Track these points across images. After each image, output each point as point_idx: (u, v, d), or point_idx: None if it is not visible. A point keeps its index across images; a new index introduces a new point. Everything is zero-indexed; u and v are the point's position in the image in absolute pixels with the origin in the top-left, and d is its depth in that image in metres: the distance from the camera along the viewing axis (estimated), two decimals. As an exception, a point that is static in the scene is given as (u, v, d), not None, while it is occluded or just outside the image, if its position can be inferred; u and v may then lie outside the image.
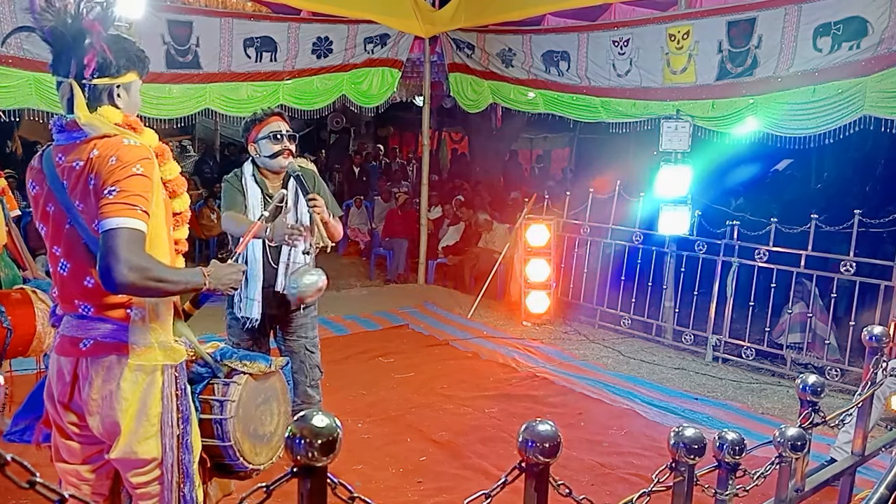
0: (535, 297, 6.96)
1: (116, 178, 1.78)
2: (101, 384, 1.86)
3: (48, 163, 1.91)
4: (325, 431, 1.18)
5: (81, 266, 1.87)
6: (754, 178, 8.77)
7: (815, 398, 2.23)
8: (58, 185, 1.88)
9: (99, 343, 1.86)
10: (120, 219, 1.75)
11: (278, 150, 3.16)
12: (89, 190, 1.82)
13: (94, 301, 1.87)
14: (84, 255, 1.86)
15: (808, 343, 5.67)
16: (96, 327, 1.87)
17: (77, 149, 1.86)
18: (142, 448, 1.88)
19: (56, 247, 1.91)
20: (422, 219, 8.40)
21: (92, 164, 1.81)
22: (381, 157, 13.86)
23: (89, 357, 1.86)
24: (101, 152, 1.82)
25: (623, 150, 9.16)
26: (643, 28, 6.30)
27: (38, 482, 0.96)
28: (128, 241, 1.75)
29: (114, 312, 1.87)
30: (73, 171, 1.85)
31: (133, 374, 1.86)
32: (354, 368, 5.28)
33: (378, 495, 3.27)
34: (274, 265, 3.21)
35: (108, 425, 1.87)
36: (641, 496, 1.64)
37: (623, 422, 4.59)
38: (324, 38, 7.16)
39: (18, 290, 3.47)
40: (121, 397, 1.85)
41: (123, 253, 1.73)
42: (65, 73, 1.87)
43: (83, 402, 1.88)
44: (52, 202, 1.89)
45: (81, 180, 1.83)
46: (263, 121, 3.18)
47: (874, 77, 4.90)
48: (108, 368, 1.85)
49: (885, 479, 2.14)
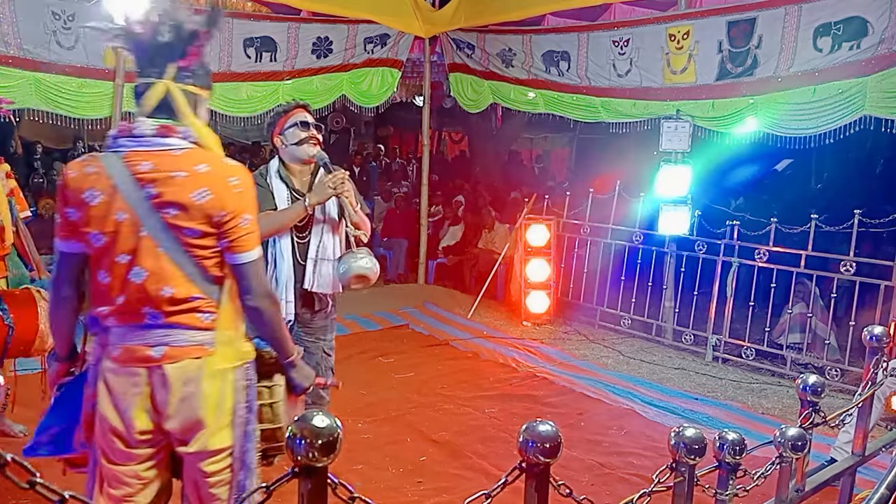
0: (535, 297, 6.96)
1: (246, 206, 1.90)
2: (181, 387, 1.88)
3: (118, 169, 1.83)
4: (325, 432, 1.18)
5: (161, 274, 1.85)
6: (754, 178, 8.78)
7: (815, 398, 2.23)
8: (135, 192, 1.82)
9: (174, 348, 1.88)
10: (256, 249, 1.93)
11: (304, 137, 3.09)
12: (195, 205, 1.83)
13: (167, 308, 1.87)
14: (164, 263, 1.85)
15: (808, 343, 5.67)
16: (168, 334, 1.88)
17: (171, 158, 1.85)
18: (217, 439, 1.93)
19: (123, 254, 1.85)
20: (422, 219, 8.40)
21: (201, 180, 1.84)
22: (382, 157, 13.85)
23: (165, 363, 1.87)
24: (214, 170, 1.87)
25: (623, 150, 9.14)
26: (643, 28, 6.30)
27: (38, 482, 0.96)
28: (261, 270, 1.97)
29: (185, 318, 1.89)
30: (169, 181, 1.82)
31: (212, 375, 1.91)
32: (354, 368, 5.27)
33: (378, 495, 3.26)
34: (302, 261, 3.16)
35: (189, 424, 1.90)
36: (642, 496, 1.64)
37: (623, 422, 4.58)
38: (324, 38, 7.16)
39: (23, 288, 3.48)
40: (202, 397, 1.89)
41: (265, 284, 1.97)
42: (160, 75, 1.89)
43: (160, 407, 1.89)
44: (125, 210, 1.82)
45: (184, 191, 1.82)
46: (289, 112, 3.13)
47: (874, 77, 4.90)
48: (186, 372, 1.88)
49: (886, 479, 2.15)
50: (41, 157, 11.02)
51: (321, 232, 3.18)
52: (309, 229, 3.17)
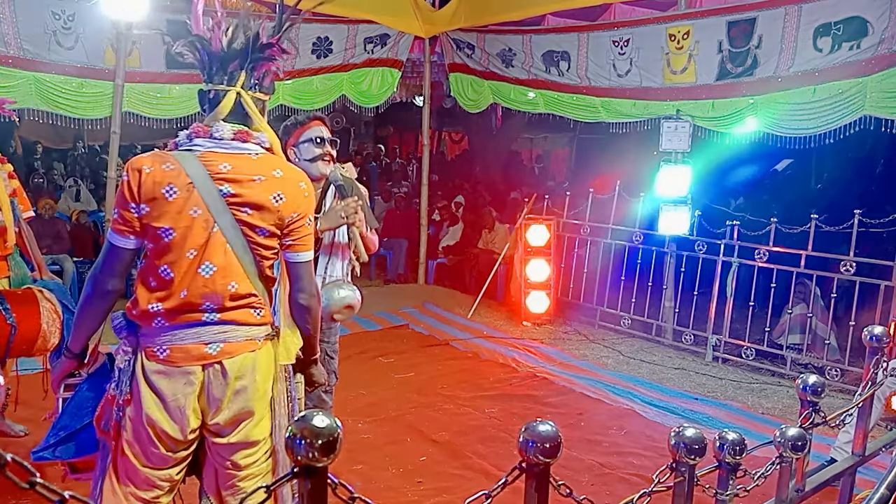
0: (535, 297, 6.96)
1: (311, 209, 2.04)
2: (237, 381, 1.94)
3: (195, 167, 1.91)
4: (325, 432, 1.18)
5: (228, 270, 1.93)
6: (754, 178, 8.78)
7: (815, 398, 2.23)
8: (211, 190, 1.90)
9: (231, 344, 1.94)
10: (312, 251, 2.06)
11: (319, 154, 3.04)
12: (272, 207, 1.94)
13: (228, 304, 1.93)
14: (231, 259, 1.94)
15: (808, 344, 5.67)
16: (225, 330, 1.94)
17: (249, 161, 1.96)
18: (257, 430, 1.99)
19: (192, 250, 1.90)
20: (422, 219, 8.40)
21: (278, 184, 1.96)
22: (382, 157, 13.85)
23: (222, 359, 1.92)
24: (287, 175, 2.00)
25: (623, 150, 9.14)
26: (643, 28, 6.31)
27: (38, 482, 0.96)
28: (313, 272, 2.11)
29: (241, 315, 1.96)
30: (249, 183, 1.92)
31: (263, 366, 1.99)
32: (354, 368, 5.27)
33: (378, 495, 3.27)
34: None
35: (240, 415, 1.95)
36: (642, 496, 1.64)
37: (623, 422, 4.58)
38: (324, 38, 7.16)
39: (24, 288, 3.48)
40: (255, 388, 1.97)
41: (316, 285, 2.11)
42: (231, 82, 1.99)
43: (213, 402, 1.93)
44: (199, 206, 1.90)
45: (261, 193, 1.93)
46: (305, 125, 3.05)
47: (874, 77, 4.90)
48: (242, 366, 1.94)
49: (886, 479, 2.14)
50: (41, 157, 11.03)
51: (329, 252, 3.18)
52: (318, 247, 3.17)
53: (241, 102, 1.99)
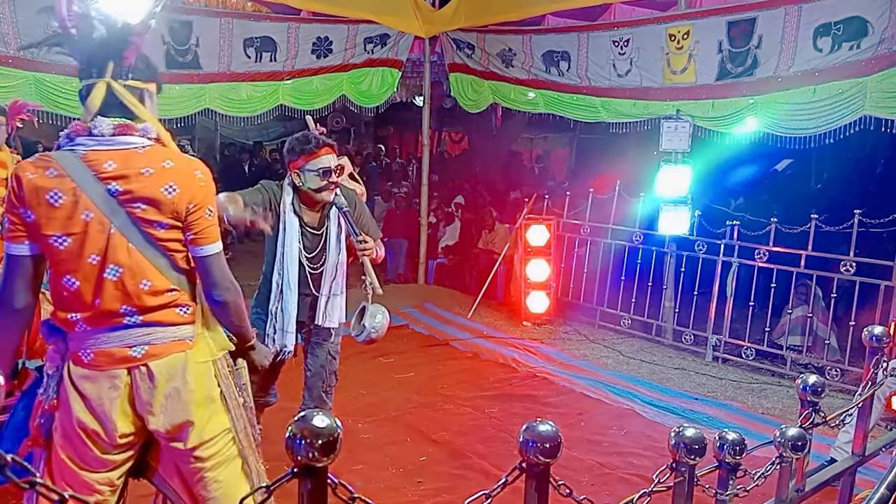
0: (535, 297, 6.95)
1: (209, 199, 1.94)
2: (166, 383, 1.89)
3: (78, 169, 1.81)
4: (325, 432, 1.18)
5: (136, 269, 1.86)
6: (754, 178, 8.77)
7: (815, 398, 2.23)
8: (98, 190, 1.81)
9: (156, 346, 1.89)
10: (219, 242, 1.95)
11: (324, 186, 3.02)
12: (166, 199, 1.86)
13: (148, 303, 1.87)
14: (137, 257, 1.86)
15: (808, 345, 5.67)
16: (149, 333, 1.89)
17: (136, 156, 1.86)
18: (212, 426, 1.96)
19: (94, 255, 1.83)
20: (422, 219, 8.40)
21: (169, 175, 1.87)
22: (382, 157, 13.85)
23: (147, 361, 1.88)
24: (179, 165, 1.90)
25: (623, 150, 9.15)
26: (643, 28, 6.30)
27: (38, 482, 0.96)
28: (224, 263, 1.98)
29: (165, 315, 1.91)
30: (138, 178, 1.83)
31: (195, 367, 1.94)
32: (354, 368, 5.27)
33: (378, 495, 3.26)
34: (311, 292, 3.16)
35: (178, 421, 1.91)
36: (642, 496, 1.64)
37: (623, 422, 4.58)
38: (324, 38, 7.16)
39: None
40: (189, 390, 1.92)
41: (229, 276, 1.98)
42: (98, 74, 1.88)
43: (143, 406, 1.89)
44: (90, 209, 1.82)
45: (151, 186, 1.85)
46: (314, 153, 2.99)
47: (874, 77, 4.90)
48: (170, 367, 1.90)
49: (886, 479, 2.15)
50: (41, 157, 11.02)
51: (336, 267, 3.18)
52: (323, 261, 3.17)
53: (114, 94, 1.88)
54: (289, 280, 3.10)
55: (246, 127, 10.12)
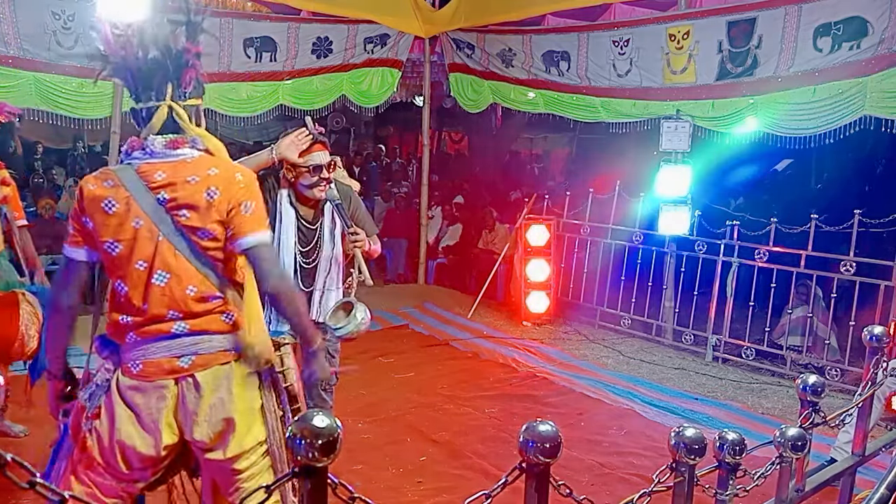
0: (535, 297, 6.95)
1: (249, 195, 1.98)
2: (211, 394, 1.93)
3: (132, 179, 1.92)
4: (325, 432, 1.18)
5: (182, 274, 1.93)
6: (754, 178, 8.76)
7: (815, 398, 2.23)
8: (149, 199, 1.91)
9: (202, 356, 1.93)
10: (265, 232, 2.00)
11: (315, 182, 3.04)
12: (208, 203, 1.92)
13: (194, 309, 1.92)
14: (183, 264, 1.93)
15: (808, 346, 5.67)
16: (196, 342, 1.93)
17: (184, 165, 1.94)
18: (251, 437, 1.99)
19: (141, 261, 1.91)
20: (422, 219, 8.39)
21: (212, 181, 1.94)
22: (382, 157, 13.84)
23: (194, 372, 1.92)
24: (222, 171, 1.98)
25: (623, 150, 9.14)
26: (643, 28, 6.30)
27: (38, 482, 0.96)
28: (273, 254, 2.06)
29: (211, 323, 1.95)
30: (184, 185, 1.92)
31: (241, 377, 1.99)
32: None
33: (378, 495, 3.26)
34: (306, 287, 3.14)
35: (220, 429, 1.94)
36: (642, 496, 1.64)
37: (623, 422, 4.58)
38: (324, 38, 7.16)
39: (9, 291, 3.45)
40: (234, 399, 1.95)
41: (279, 267, 2.05)
42: (159, 97, 1.96)
43: (189, 416, 1.92)
44: (141, 217, 1.91)
45: (195, 193, 1.92)
46: (306, 149, 3.03)
47: (874, 77, 4.90)
48: (216, 378, 1.94)
49: (886, 479, 2.15)
50: (41, 157, 11.02)
51: (330, 262, 3.18)
52: (316, 256, 3.17)
53: (173, 114, 1.98)
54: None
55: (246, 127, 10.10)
